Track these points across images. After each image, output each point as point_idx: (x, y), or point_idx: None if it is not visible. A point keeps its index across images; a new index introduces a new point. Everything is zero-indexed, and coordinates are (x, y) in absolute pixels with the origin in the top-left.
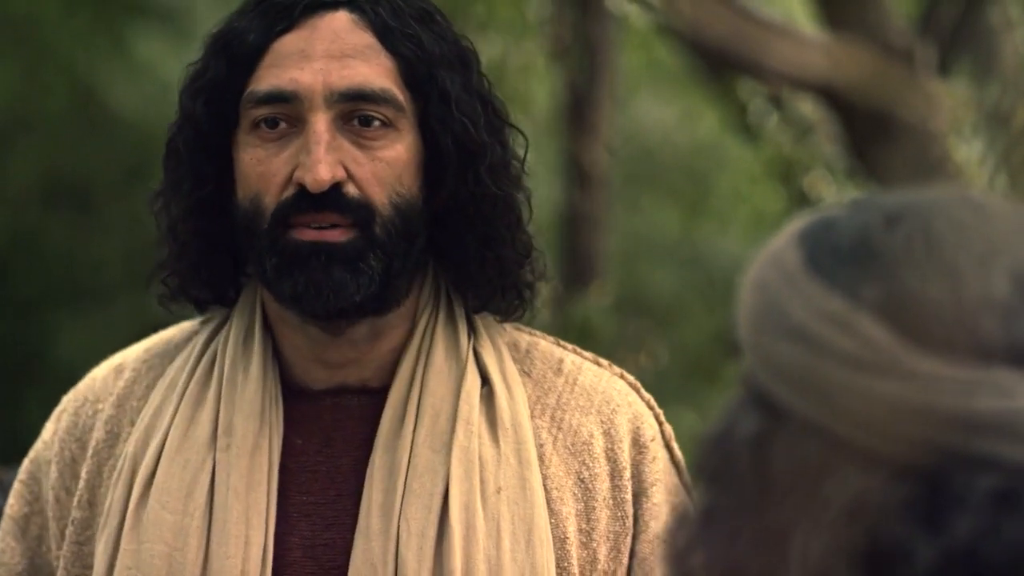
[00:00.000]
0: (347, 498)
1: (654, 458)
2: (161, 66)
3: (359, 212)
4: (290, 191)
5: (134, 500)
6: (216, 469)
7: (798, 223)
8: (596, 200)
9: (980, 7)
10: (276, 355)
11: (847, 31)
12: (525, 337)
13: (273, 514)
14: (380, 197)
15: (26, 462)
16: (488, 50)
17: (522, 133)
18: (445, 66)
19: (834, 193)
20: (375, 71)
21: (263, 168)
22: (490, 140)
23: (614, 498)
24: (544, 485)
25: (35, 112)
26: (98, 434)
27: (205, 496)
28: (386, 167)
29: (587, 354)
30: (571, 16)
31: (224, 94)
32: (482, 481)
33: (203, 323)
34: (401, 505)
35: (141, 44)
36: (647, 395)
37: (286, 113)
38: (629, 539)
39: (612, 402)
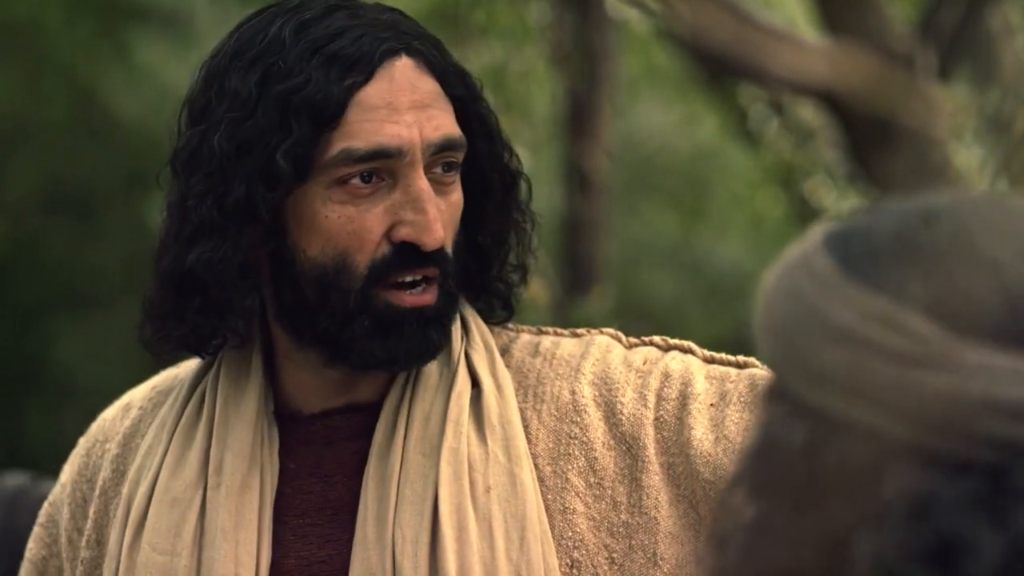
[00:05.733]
0: (344, 514)
1: (662, 372)
2: (162, 72)
3: (443, 263)
4: (386, 248)
5: (127, 542)
6: (207, 508)
7: (817, 233)
8: (596, 205)
9: (980, 12)
10: (272, 385)
11: (848, 36)
12: (510, 334)
13: (266, 547)
14: (449, 243)
15: (45, 505)
16: (488, 56)
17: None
18: (479, 99)
19: (834, 199)
20: (450, 118)
21: (355, 225)
22: (517, 170)
23: (614, 436)
24: (536, 464)
25: (36, 119)
26: (105, 473)
27: (192, 535)
28: (455, 210)
29: (566, 332)
30: (571, 22)
31: (307, 149)
32: (471, 482)
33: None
34: (395, 513)
35: (142, 50)
36: (632, 339)
37: (382, 167)
38: (643, 465)
39: (592, 356)
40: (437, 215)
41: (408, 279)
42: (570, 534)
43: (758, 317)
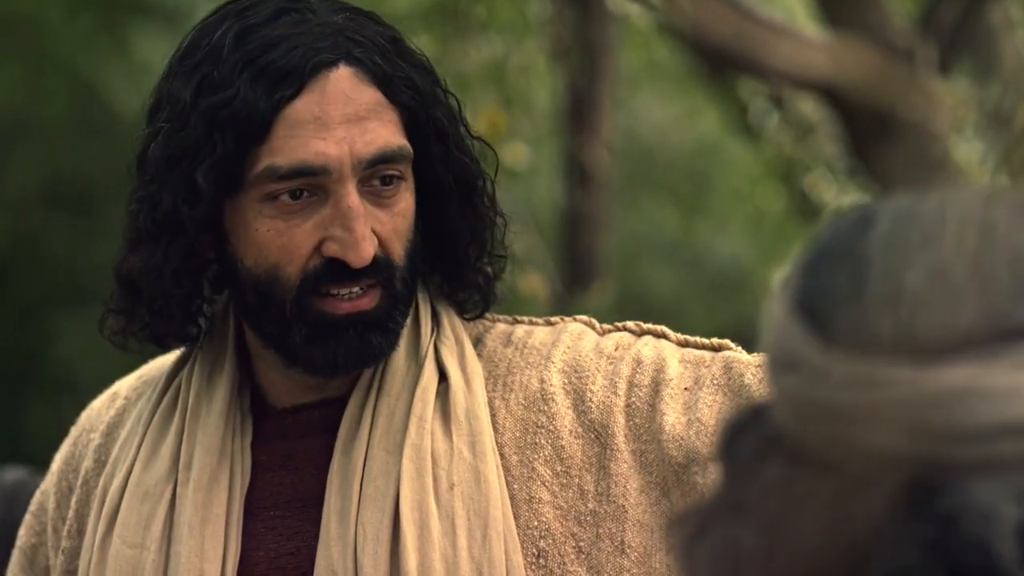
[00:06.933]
0: (313, 507)
1: (634, 359)
2: (163, 67)
3: (385, 272)
4: (317, 260)
5: (99, 535)
6: (176, 504)
7: (819, 230)
8: (597, 200)
9: (981, 7)
10: (246, 379)
11: (848, 31)
12: (486, 324)
13: (235, 540)
14: (398, 250)
15: (37, 494)
16: (489, 51)
17: (476, 137)
18: (433, 101)
19: (835, 193)
20: (389, 129)
21: (284, 240)
22: (478, 168)
23: (582, 424)
24: (502, 454)
25: (36, 115)
26: (87, 463)
27: (161, 529)
28: (402, 219)
29: (540, 320)
30: (572, 16)
31: (231, 166)
32: (435, 478)
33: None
34: (358, 510)
35: (143, 45)
36: (606, 326)
37: (310, 184)
38: (612, 453)
39: (563, 344)
40: (366, 232)
41: (342, 292)
42: (536, 523)
43: None
